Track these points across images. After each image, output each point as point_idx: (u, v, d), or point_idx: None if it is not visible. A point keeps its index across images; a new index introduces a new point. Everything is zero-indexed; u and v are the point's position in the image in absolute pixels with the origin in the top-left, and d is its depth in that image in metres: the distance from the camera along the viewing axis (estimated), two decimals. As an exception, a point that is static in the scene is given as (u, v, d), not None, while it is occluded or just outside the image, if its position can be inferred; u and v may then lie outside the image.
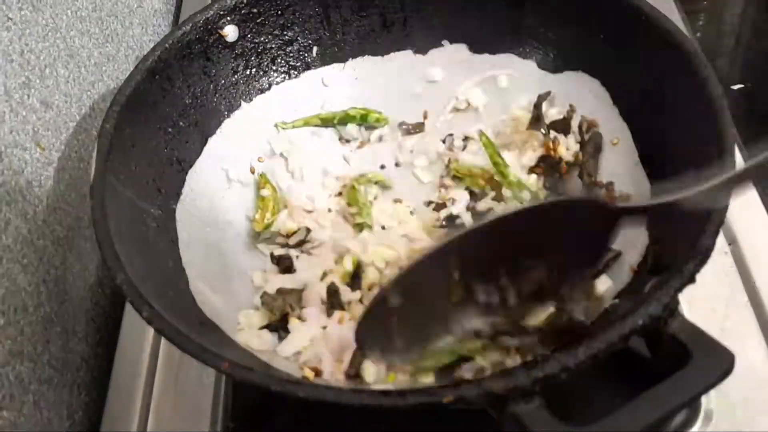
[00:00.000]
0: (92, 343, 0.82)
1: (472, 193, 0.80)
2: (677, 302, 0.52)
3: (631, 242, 0.67)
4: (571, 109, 0.80)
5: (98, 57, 0.91)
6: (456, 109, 0.87)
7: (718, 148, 0.59)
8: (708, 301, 0.72)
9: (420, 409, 0.49)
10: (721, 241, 0.74)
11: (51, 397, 0.72)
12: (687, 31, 0.82)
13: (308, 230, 0.79)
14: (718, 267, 0.74)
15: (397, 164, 0.86)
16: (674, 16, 0.94)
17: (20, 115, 0.73)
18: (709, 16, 1.01)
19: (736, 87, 0.94)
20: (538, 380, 0.48)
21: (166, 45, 0.76)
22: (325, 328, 0.70)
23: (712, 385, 0.49)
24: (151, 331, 0.80)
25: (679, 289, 0.51)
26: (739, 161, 0.57)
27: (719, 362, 0.50)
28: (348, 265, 0.74)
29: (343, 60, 0.89)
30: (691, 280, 0.52)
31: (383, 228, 0.79)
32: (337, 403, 0.51)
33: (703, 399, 0.66)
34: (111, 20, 0.95)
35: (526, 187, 0.76)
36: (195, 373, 0.76)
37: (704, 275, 0.53)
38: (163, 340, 0.78)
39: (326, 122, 0.87)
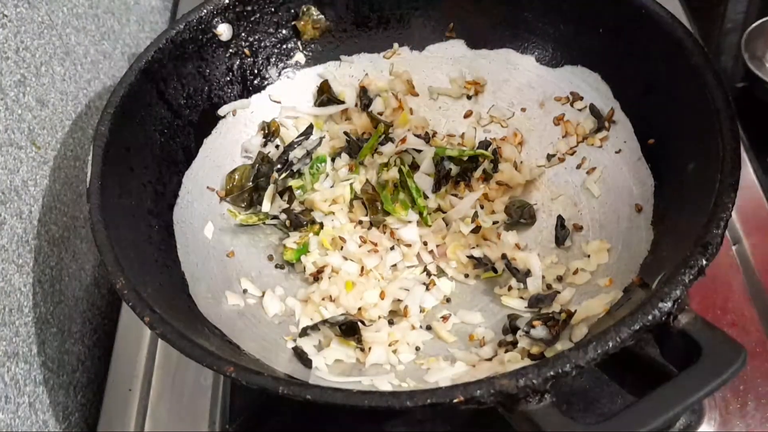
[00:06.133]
0: (88, 343, 0.81)
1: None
2: (687, 297, 0.51)
3: (635, 240, 0.67)
4: (575, 97, 0.80)
5: (94, 54, 0.90)
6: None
7: (722, 146, 0.59)
8: (712, 302, 0.71)
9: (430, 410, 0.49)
10: (725, 241, 0.73)
11: (47, 399, 0.71)
12: (690, 28, 0.82)
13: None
14: (722, 267, 0.74)
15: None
16: (677, 12, 0.93)
17: (15, 114, 0.72)
18: (712, 12, 1.01)
19: (739, 85, 0.94)
20: (550, 379, 0.48)
21: (160, 45, 0.75)
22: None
23: (725, 381, 0.48)
24: (148, 332, 0.79)
25: (689, 283, 0.51)
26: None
27: (731, 357, 0.49)
28: None
29: (340, 57, 0.88)
30: (701, 273, 0.52)
31: None
32: (345, 405, 0.50)
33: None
34: (107, 17, 0.94)
35: None
36: (193, 374, 0.75)
37: (709, 275, 0.53)
38: (160, 341, 0.77)
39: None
